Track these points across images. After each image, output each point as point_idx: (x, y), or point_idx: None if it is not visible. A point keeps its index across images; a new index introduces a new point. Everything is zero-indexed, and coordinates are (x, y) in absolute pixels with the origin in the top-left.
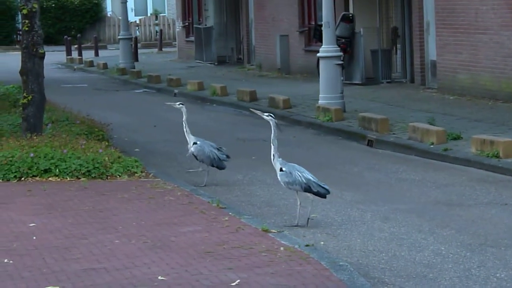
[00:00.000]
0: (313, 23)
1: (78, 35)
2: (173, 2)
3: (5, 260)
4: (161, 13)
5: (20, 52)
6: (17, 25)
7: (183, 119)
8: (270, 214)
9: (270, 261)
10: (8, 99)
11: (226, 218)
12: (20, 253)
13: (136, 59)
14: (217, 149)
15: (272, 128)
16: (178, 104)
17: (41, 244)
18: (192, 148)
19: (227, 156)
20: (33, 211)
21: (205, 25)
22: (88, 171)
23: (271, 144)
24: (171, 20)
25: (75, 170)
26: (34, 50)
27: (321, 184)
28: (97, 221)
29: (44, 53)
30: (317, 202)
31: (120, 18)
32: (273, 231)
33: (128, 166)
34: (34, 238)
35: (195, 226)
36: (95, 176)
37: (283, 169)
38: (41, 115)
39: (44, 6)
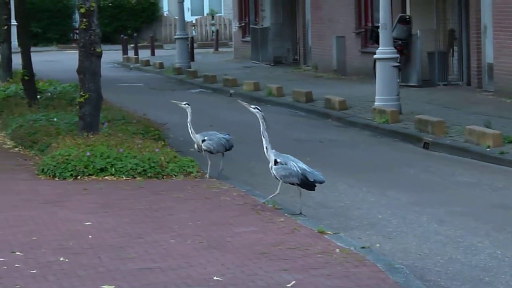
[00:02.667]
0: (369, 24)
1: (135, 34)
2: (229, 2)
3: (61, 259)
4: (217, 13)
5: (76, 51)
6: (73, 23)
7: (188, 120)
8: (325, 216)
9: (326, 263)
10: (65, 98)
11: (282, 219)
12: (76, 251)
13: (192, 59)
14: (220, 133)
15: (260, 121)
16: (184, 104)
17: (96, 243)
18: (203, 147)
19: (228, 135)
20: (89, 210)
21: (262, 25)
22: (144, 170)
23: (262, 137)
24: (227, 20)
25: (131, 169)
26: (92, 49)
27: (315, 173)
28: (153, 220)
29: (101, 52)
30: (374, 204)
31: (176, 17)
32: (329, 232)
33: (184, 166)
34: (90, 237)
35: (251, 227)
36: (150, 176)
37: (278, 160)
38: (98, 114)
39: (101, 5)
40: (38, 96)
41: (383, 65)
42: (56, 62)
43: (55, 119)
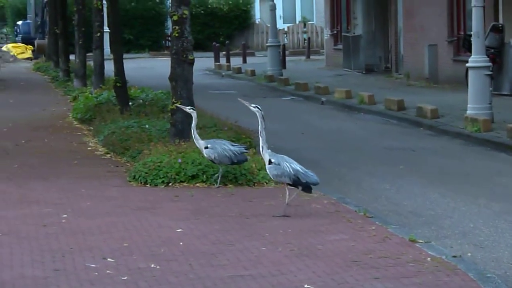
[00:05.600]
0: (462, 32)
1: (227, 41)
2: (322, 9)
3: (152, 265)
4: (309, 21)
5: (168, 58)
6: (166, 30)
7: (193, 125)
8: (417, 224)
9: (417, 272)
10: (157, 105)
11: (373, 227)
12: (167, 258)
13: (284, 67)
14: (231, 145)
15: (259, 120)
16: (189, 109)
17: (187, 249)
18: (204, 154)
19: (246, 148)
20: (180, 217)
21: (354, 33)
22: (235, 177)
23: (259, 136)
24: (319, 28)
25: (222, 176)
26: (184, 56)
27: (309, 175)
28: (244, 227)
29: (193, 59)
30: (465, 213)
31: (268, 25)
32: (420, 241)
33: None
34: (181, 243)
35: (342, 235)
36: (242, 183)
37: (272, 160)
38: (189, 121)
39: (194, 12)
40: (130, 103)
41: (476, 74)
42: (148, 69)
43: (147, 126)
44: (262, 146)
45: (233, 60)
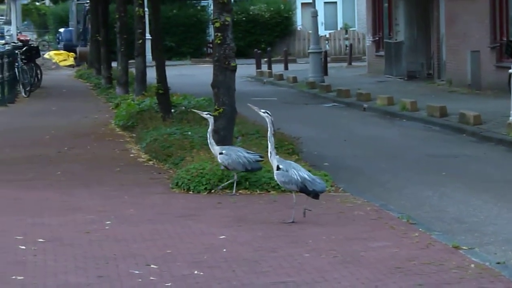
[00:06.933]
0: (504, 38)
1: (268, 48)
2: (363, 16)
3: (196, 272)
4: (351, 27)
5: (210, 65)
6: (207, 37)
7: (209, 130)
8: (460, 231)
9: (461, 278)
10: None
11: (416, 234)
12: (210, 265)
13: (326, 73)
14: (247, 152)
15: (268, 126)
16: (206, 114)
17: (231, 256)
18: (219, 160)
19: (261, 156)
20: (223, 224)
21: (396, 39)
22: (278, 184)
23: (268, 142)
24: (361, 35)
25: (264, 183)
26: (226, 63)
27: (317, 182)
28: (287, 234)
29: (235, 66)
30: (509, 220)
31: (310, 31)
32: (464, 247)
33: None
34: (224, 250)
35: (385, 242)
36: (284, 190)
37: (280, 166)
38: (232, 127)
39: (235, 19)
40: (172, 110)
41: None
42: (189, 76)
43: (189, 133)
44: (270, 152)
45: (274, 67)
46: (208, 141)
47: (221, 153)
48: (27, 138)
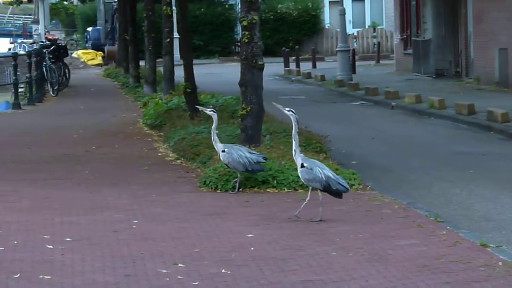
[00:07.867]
0: None
1: (296, 46)
2: (391, 14)
3: (223, 271)
4: (378, 26)
5: (238, 63)
6: (235, 36)
7: (213, 127)
8: (488, 229)
9: (488, 276)
10: (227, 110)
11: (444, 232)
12: (238, 263)
13: (354, 71)
14: (249, 152)
15: (293, 124)
16: (210, 111)
17: (258, 255)
18: (221, 157)
19: (264, 158)
20: (251, 222)
21: (423, 37)
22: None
23: (292, 140)
24: (389, 33)
25: (292, 181)
26: (254, 61)
27: (340, 182)
28: (314, 232)
29: (263, 65)
30: None
31: (338, 30)
32: (491, 245)
33: (345, 179)
34: (252, 249)
35: (412, 240)
36: (313, 188)
37: (305, 164)
38: (259, 126)
39: (263, 18)
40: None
41: None
42: (217, 74)
43: (217, 131)
44: (294, 150)
45: (302, 65)
46: (212, 138)
47: (223, 151)
48: (55, 137)
